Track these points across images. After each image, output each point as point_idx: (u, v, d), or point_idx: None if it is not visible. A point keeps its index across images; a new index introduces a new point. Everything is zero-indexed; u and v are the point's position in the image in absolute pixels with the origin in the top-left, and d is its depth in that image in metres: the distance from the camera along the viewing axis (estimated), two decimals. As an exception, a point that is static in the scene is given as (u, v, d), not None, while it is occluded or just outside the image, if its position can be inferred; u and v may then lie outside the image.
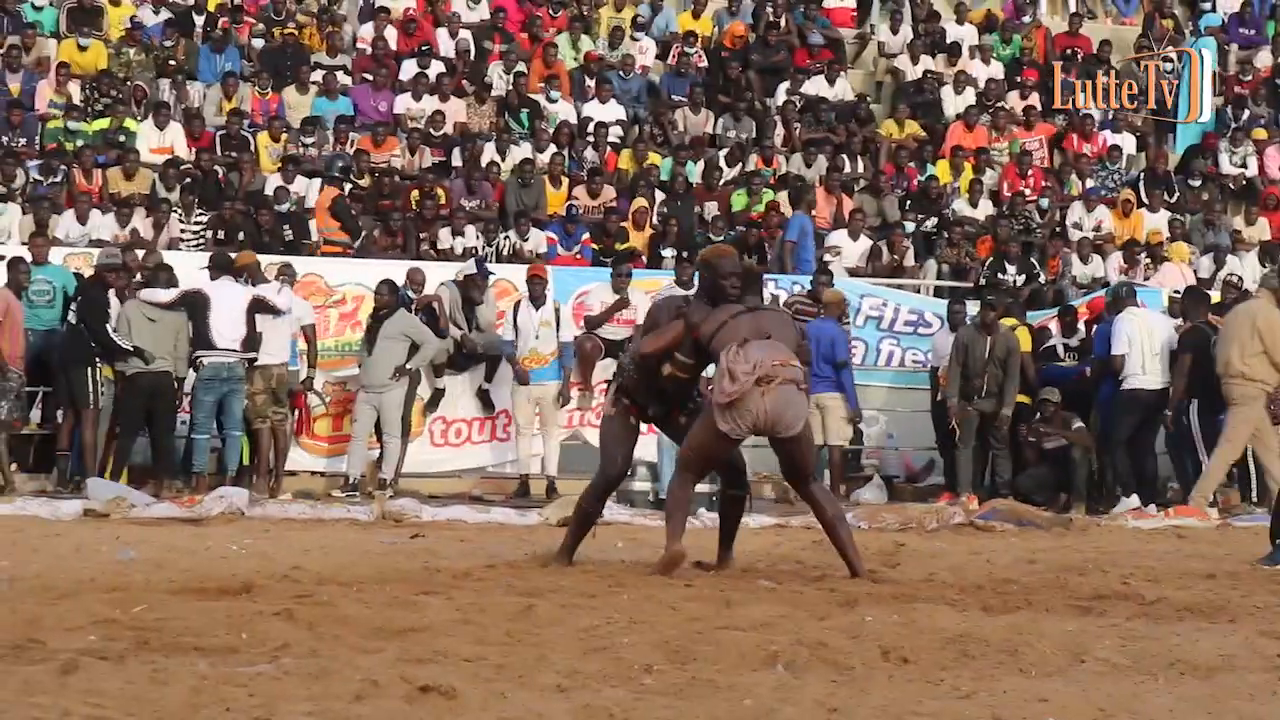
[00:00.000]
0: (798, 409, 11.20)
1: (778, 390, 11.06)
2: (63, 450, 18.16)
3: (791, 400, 11.14)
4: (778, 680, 7.64)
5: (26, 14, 24.72)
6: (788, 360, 11.18)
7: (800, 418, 11.25)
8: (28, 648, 7.75)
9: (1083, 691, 7.57)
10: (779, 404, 11.07)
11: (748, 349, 11.15)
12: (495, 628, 8.75)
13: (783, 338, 11.42)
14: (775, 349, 11.22)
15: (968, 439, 19.17)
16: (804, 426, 11.34)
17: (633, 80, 25.64)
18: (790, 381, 11.13)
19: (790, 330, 11.62)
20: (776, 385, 11.06)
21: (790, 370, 11.14)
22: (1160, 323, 19.52)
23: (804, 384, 11.29)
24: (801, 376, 11.25)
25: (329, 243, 21.45)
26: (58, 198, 21.52)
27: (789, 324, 11.76)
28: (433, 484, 19.38)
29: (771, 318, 11.72)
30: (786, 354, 11.23)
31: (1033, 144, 25.51)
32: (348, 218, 21.59)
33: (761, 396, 11.03)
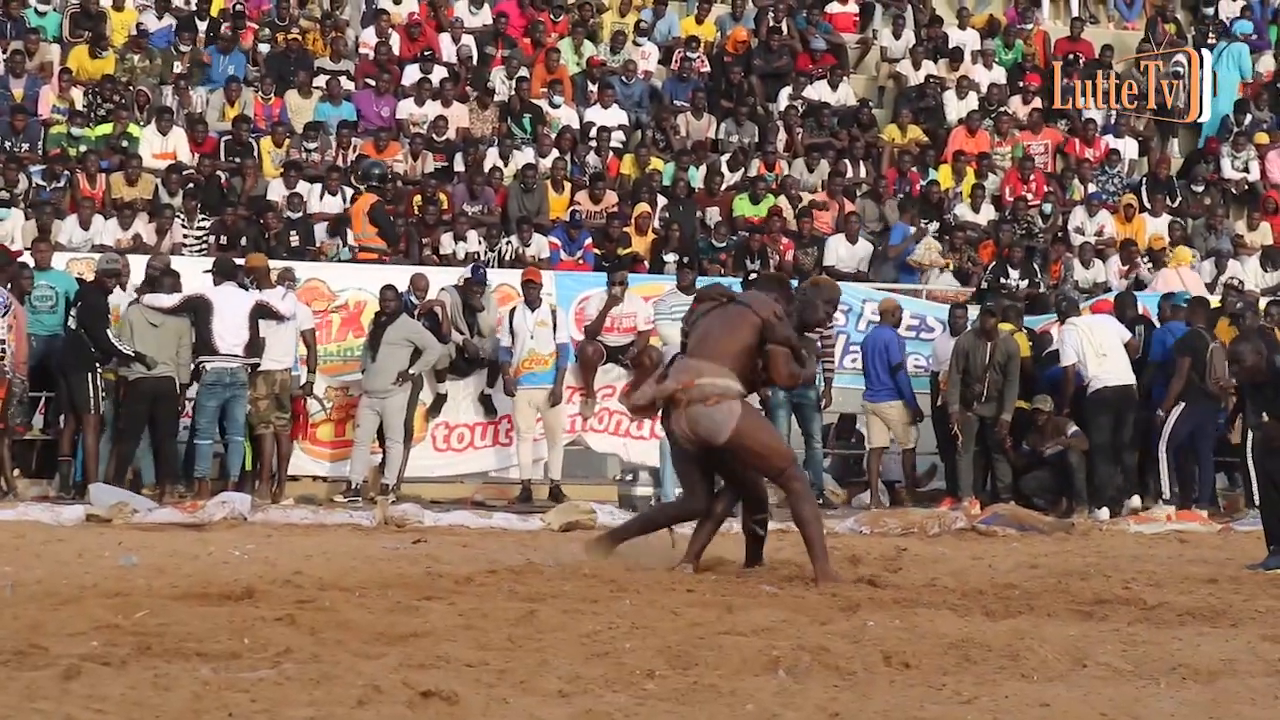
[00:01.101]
0: (710, 423, 11.63)
1: (685, 412, 11.68)
2: (65, 456, 18.15)
3: (700, 417, 11.64)
4: (779, 685, 7.65)
5: (29, 19, 24.72)
6: (691, 381, 11.67)
7: (717, 429, 11.62)
8: (30, 653, 7.76)
9: (1085, 696, 7.57)
10: (692, 422, 11.68)
11: (674, 367, 11.96)
12: (497, 633, 8.76)
13: (719, 344, 11.83)
14: (685, 371, 11.78)
15: (969, 444, 19.16)
16: (735, 434, 11.63)
17: (635, 85, 25.64)
18: (696, 401, 11.64)
19: (740, 329, 11.87)
20: (683, 408, 11.67)
21: (695, 390, 11.64)
22: (1105, 323, 19.62)
23: (712, 398, 11.64)
24: (712, 390, 11.64)
25: (365, 249, 21.44)
26: (60, 203, 21.52)
27: (741, 320, 11.93)
28: (435, 489, 19.38)
29: (727, 316, 12.02)
30: (694, 373, 11.71)
31: (1037, 149, 25.49)
32: (386, 224, 21.61)
33: (679, 419, 11.72)
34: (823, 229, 23.27)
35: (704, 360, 11.75)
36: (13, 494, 17.59)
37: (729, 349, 11.77)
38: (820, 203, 23.51)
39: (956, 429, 19.07)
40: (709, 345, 11.87)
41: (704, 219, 23.33)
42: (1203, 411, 19.04)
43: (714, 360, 11.71)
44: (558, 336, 19.16)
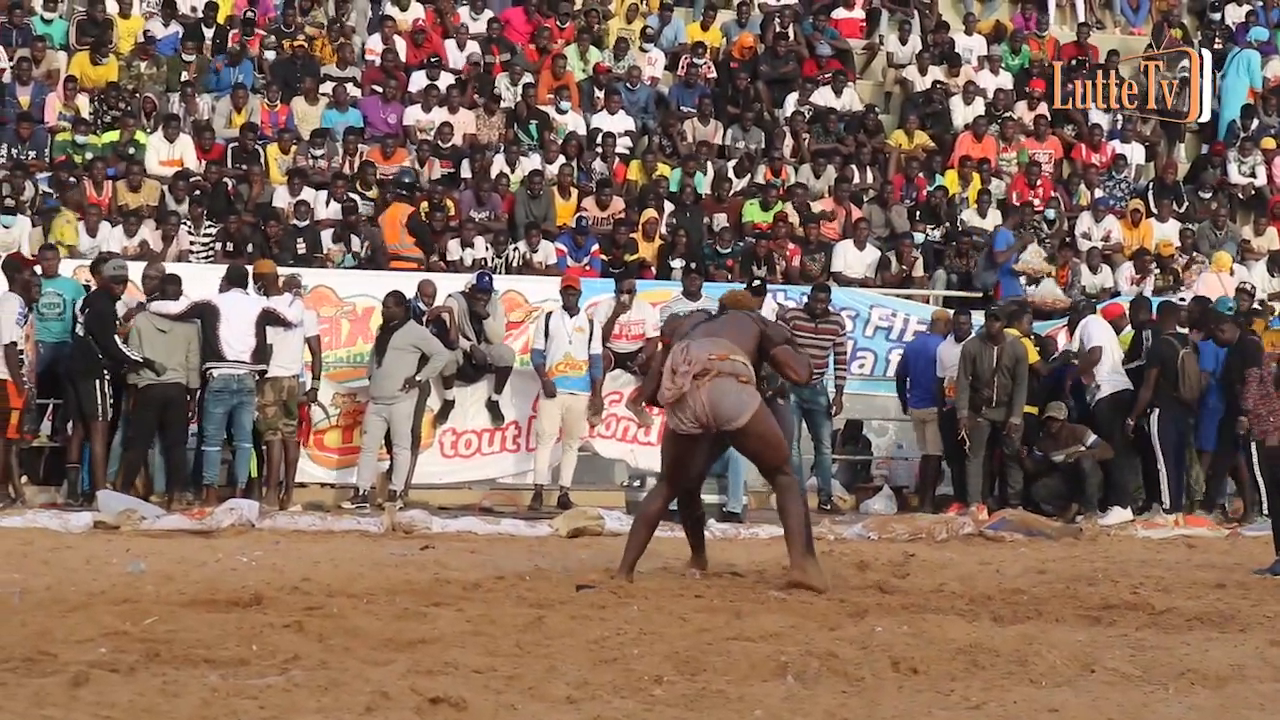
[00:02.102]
0: (735, 400, 11.39)
1: (713, 383, 11.36)
2: (73, 463, 18.15)
3: (728, 391, 11.38)
4: (788, 691, 7.65)
5: (36, 27, 24.74)
6: (726, 354, 11.45)
7: (741, 410, 11.41)
8: (38, 660, 7.77)
9: (1093, 702, 7.57)
10: (714, 395, 11.36)
11: (690, 348, 11.53)
12: (505, 639, 8.77)
13: (733, 334, 11.74)
14: (715, 344, 11.54)
15: (977, 449, 19.15)
16: (753, 419, 11.46)
17: (641, 91, 25.65)
18: (728, 375, 11.39)
19: (746, 329, 11.86)
20: (711, 378, 11.36)
21: (727, 364, 11.41)
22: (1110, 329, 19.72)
23: (745, 377, 11.47)
24: (743, 370, 11.47)
25: (400, 259, 21.45)
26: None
27: (746, 324, 11.96)
28: (443, 495, 19.36)
29: (729, 319, 12.02)
30: (728, 348, 11.51)
31: (1040, 157, 25.49)
32: (424, 233, 21.63)
33: (698, 390, 11.35)
34: (830, 235, 23.27)
35: (732, 345, 11.63)
36: (21, 501, 17.59)
37: (745, 344, 11.71)
38: (827, 213, 23.49)
39: (965, 434, 19.06)
40: (729, 335, 11.75)
41: (710, 225, 23.33)
42: (1178, 418, 19.05)
43: (740, 348, 11.66)
44: (592, 346, 19.15)
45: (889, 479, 20.97)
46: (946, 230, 24.05)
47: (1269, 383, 18.45)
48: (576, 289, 19.43)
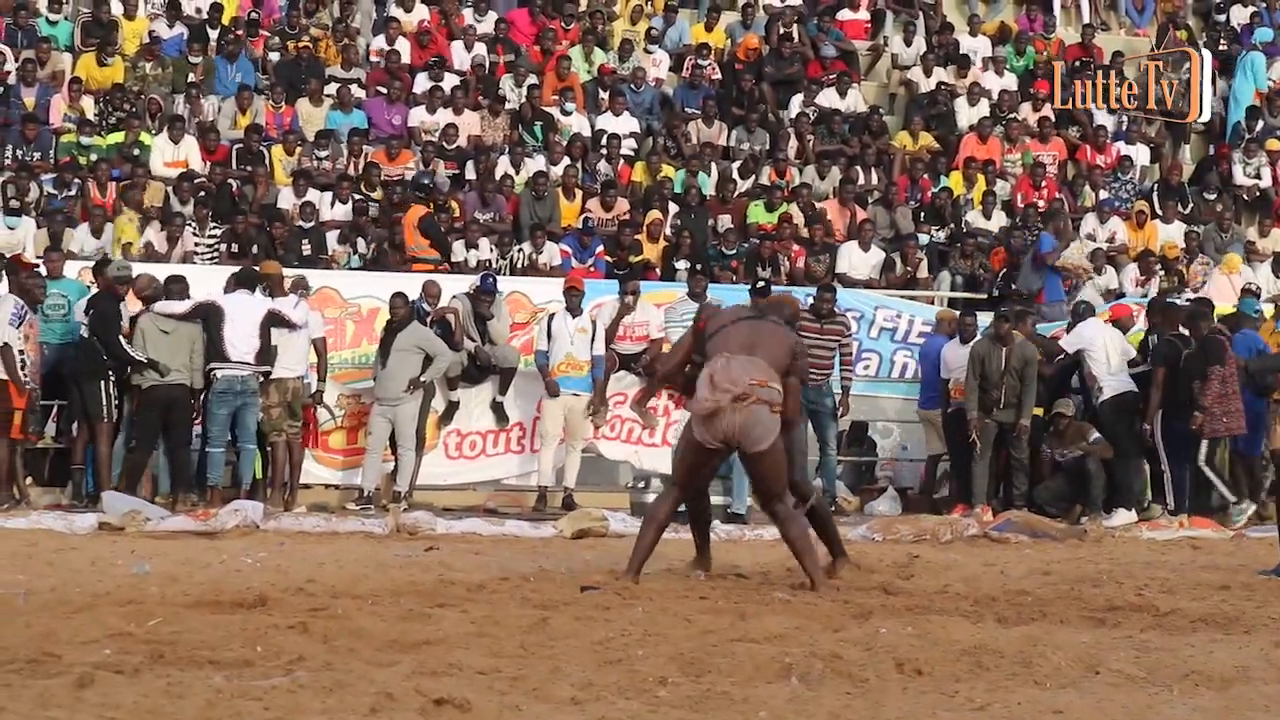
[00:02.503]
0: (765, 428, 11.59)
1: (751, 409, 11.53)
2: (77, 464, 18.15)
3: (761, 419, 11.56)
4: (792, 692, 7.65)
5: (41, 28, 24.76)
6: (766, 381, 11.60)
7: (767, 436, 11.60)
8: (43, 661, 7.77)
9: (1097, 703, 7.57)
10: (749, 421, 11.53)
11: (731, 364, 11.64)
12: (510, 640, 8.77)
13: (770, 354, 11.80)
14: (756, 367, 11.64)
15: (985, 451, 19.13)
16: (771, 448, 11.65)
17: (646, 92, 25.65)
18: (764, 402, 11.56)
19: (781, 347, 11.92)
20: (750, 404, 11.52)
21: (766, 391, 11.58)
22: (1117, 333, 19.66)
23: (776, 405, 11.63)
24: (777, 398, 11.63)
25: (418, 260, 21.47)
26: (72, 212, 21.56)
27: (782, 340, 12.01)
28: (447, 497, 19.36)
29: (767, 331, 12.02)
30: (766, 373, 11.64)
31: (1045, 159, 25.48)
32: (438, 235, 21.64)
33: (734, 413, 11.51)
34: (834, 236, 23.27)
35: (769, 367, 11.72)
36: (25, 502, 17.59)
37: (778, 365, 11.78)
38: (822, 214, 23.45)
39: (975, 435, 19.04)
40: (766, 354, 11.82)
41: (715, 226, 23.33)
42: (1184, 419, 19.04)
43: (773, 368, 11.74)
44: (594, 347, 19.15)
45: (893, 480, 20.96)
46: (951, 232, 24.04)
47: (1231, 382, 18.53)
48: (579, 290, 19.43)
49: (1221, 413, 18.67)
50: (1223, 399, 18.67)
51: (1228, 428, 18.79)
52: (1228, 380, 18.67)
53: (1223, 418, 18.73)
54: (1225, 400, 18.67)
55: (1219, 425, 18.74)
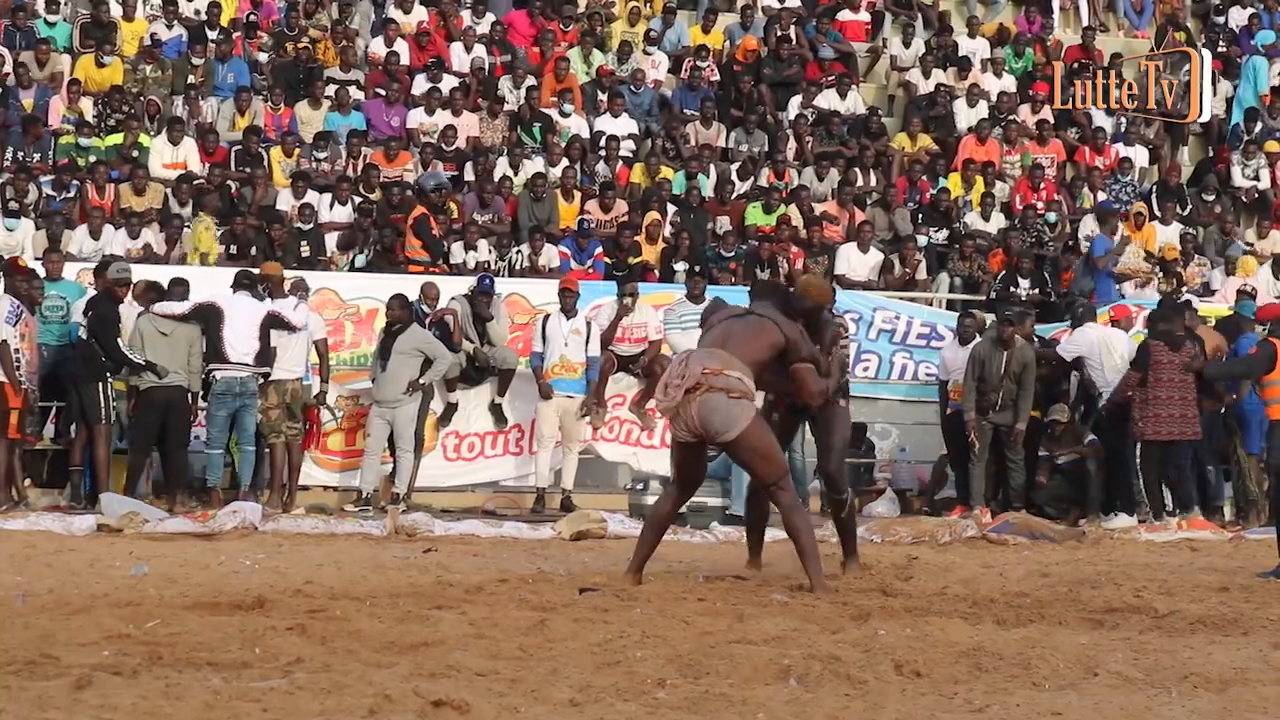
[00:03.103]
0: (724, 415, 11.49)
1: (703, 398, 11.49)
2: (76, 466, 18.15)
3: (716, 407, 11.49)
4: (791, 694, 7.65)
5: (39, 29, 24.75)
6: (720, 369, 11.54)
7: (731, 424, 11.50)
8: (41, 663, 7.77)
9: (1096, 705, 7.57)
10: (704, 411, 11.49)
11: (689, 360, 11.70)
12: (508, 642, 8.77)
13: (744, 344, 11.77)
14: (714, 358, 11.64)
15: (983, 452, 19.13)
16: (744, 434, 11.54)
17: (644, 94, 25.66)
18: (719, 390, 11.48)
19: (761, 337, 11.84)
20: (702, 393, 11.49)
21: (721, 379, 11.51)
22: (1117, 336, 19.65)
23: (736, 391, 11.53)
24: (736, 385, 11.54)
25: (412, 262, 21.48)
26: (71, 213, 21.56)
27: (762, 330, 11.90)
28: (446, 498, 19.37)
29: (747, 323, 11.99)
30: (725, 362, 11.59)
31: (1044, 160, 25.48)
32: (429, 237, 21.65)
33: (689, 404, 11.51)
34: (833, 238, 23.28)
35: (732, 356, 11.68)
36: (24, 504, 17.60)
37: (751, 355, 11.72)
38: (829, 215, 23.48)
39: (974, 436, 19.04)
40: (735, 345, 11.79)
41: (714, 228, 23.33)
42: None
43: (740, 358, 11.66)
44: (589, 349, 19.15)
45: (892, 482, 20.96)
46: (950, 233, 24.04)
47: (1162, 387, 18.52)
48: (574, 291, 19.43)
49: (1139, 416, 18.66)
50: (1142, 403, 18.65)
51: (1155, 431, 18.70)
52: (1154, 385, 18.63)
53: (1140, 421, 18.72)
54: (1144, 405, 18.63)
55: (1144, 427, 18.71)
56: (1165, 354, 18.61)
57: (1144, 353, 18.72)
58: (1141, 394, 18.63)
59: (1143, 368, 18.59)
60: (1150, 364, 18.59)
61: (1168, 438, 18.63)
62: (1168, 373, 18.60)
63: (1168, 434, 18.59)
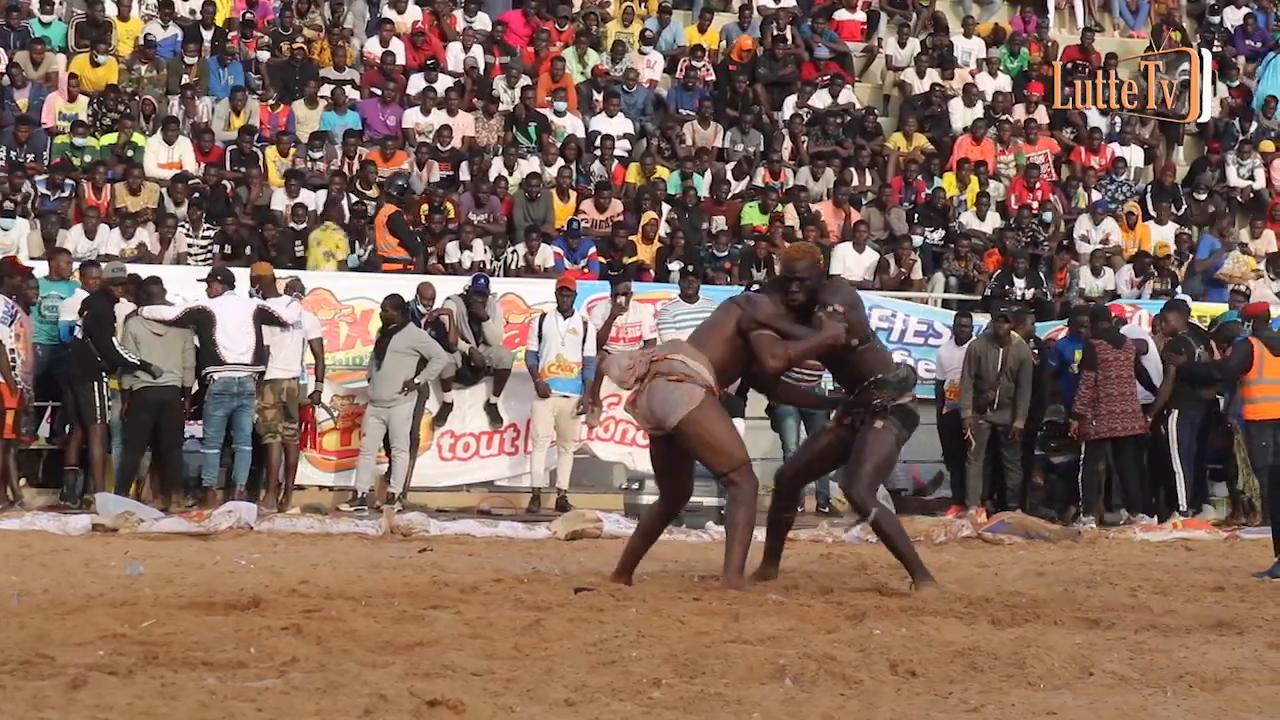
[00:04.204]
0: (663, 400, 11.22)
1: (649, 386, 11.32)
2: (71, 465, 18.14)
3: (654, 392, 11.27)
4: (786, 694, 7.64)
5: (34, 29, 24.74)
6: (666, 355, 11.41)
7: (672, 409, 11.20)
8: (36, 663, 7.76)
9: (1091, 705, 7.57)
10: (651, 399, 11.30)
11: (642, 356, 11.63)
12: (503, 642, 8.76)
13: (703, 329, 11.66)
14: (670, 345, 11.78)
15: (979, 451, 19.14)
16: (685, 420, 11.20)
17: (639, 94, 25.66)
18: (662, 374, 11.27)
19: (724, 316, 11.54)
20: (648, 381, 11.33)
21: (664, 364, 11.31)
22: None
23: (677, 375, 11.23)
24: (680, 368, 11.25)
25: (388, 260, 21.49)
26: (66, 212, 21.55)
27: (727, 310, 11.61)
28: (441, 498, 19.38)
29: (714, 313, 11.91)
30: (673, 348, 11.55)
31: (1036, 159, 25.50)
32: (406, 234, 21.67)
33: (641, 393, 11.37)
34: (829, 237, 23.29)
35: (685, 344, 11.59)
36: (19, 503, 17.60)
37: (709, 339, 11.47)
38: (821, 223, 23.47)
39: (970, 435, 19.05)
40: (697, 333, 11.75)
41: (710, 228, 23.33)
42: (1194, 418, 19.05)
43: (697, 345, 11.47)
44: (585, 349, 19.17)
45: (887, 482, 20.93)
46: (946, 233, 24.05)
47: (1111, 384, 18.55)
48: (571, 290, 19.45)
49: (1092, 416, 18.70)
50: (1093, 403, 18.68)
51: (1098, 431, 18.73)
52: (1104, 383, 18.67)
53: (1093, 421, 18.75)
54: (1095, 404, 18.67)
55: (1088, 428, 18.74)
56: (1110, 351, 18.67)
57: (1090, 353, 18.74)
58: (1085, 394, 18.67)
59: (1092, 368, 18.60)
60: (1098, 363, 18.62)
61: (1123, 433, 18.67)
62: (1115, 369, 18.65)
63: (1123, 429, 18.63)
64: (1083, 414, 18.72)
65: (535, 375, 19.17)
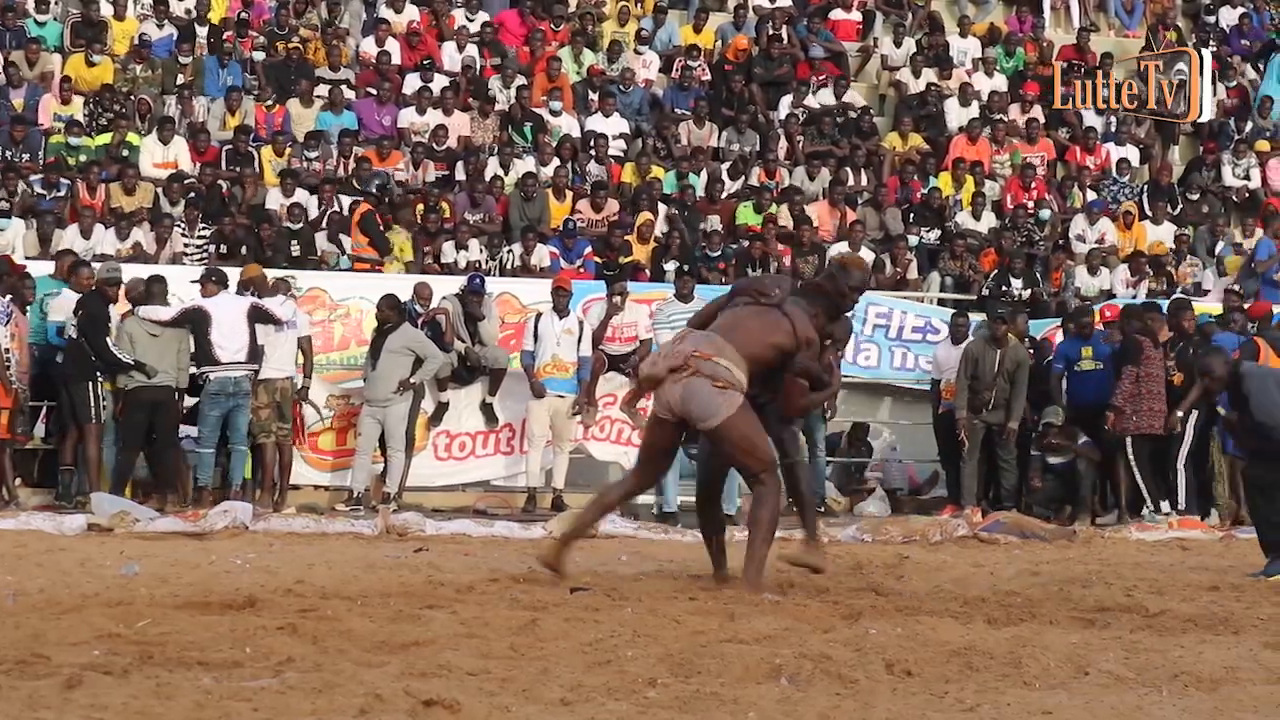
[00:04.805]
0: (702, 402, 11.32)
1: (686, 380, 11.35)
2: (66, 465, 18.14)
3: (696, 392, 11.33)
4: (782, 693, 7.65)
5: (30, 28, 24.72)
6: (711, 354, 11.39)
7: (711, 412, 11.32)
8: (32, 663, 7.76)
9: (1086, 704, 7.58)
10: (685, 394, 11.36)
11: (685, 340, 11.64)
12: (499, 641, 8.76)
13: (747, 336, 11.58)
14: (710, 343, 11.50)
15: (974, 451, 19.16)
16: (724, 425, 11.35)
17: (635, 93, 25.65)
18: (706, 376, 11.33)
19: (770, 333, 11.61)
20: (686, 376, 11.35)
21: (708, 365, 11.35)
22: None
23: (722, 381, 11.34)
24: (724, 374, 11.34)
25: (359, 259, 21.49)
26: (61, 212, 21.53)
27: (772, 326, 11.67)
28: (437, 498, 19.37)
29: (761, 316, 11.79)
30: (718, 349, 11.44)
31: (1035, 159, 25.49)
32: (376, 233, 21.65)
33: (673, 384, 11.38)
34: (824, 237, 23.30)
35: (729, 344, 11.51)
36: (14, 503, 17.60)
37: (753, 349, 11.51)
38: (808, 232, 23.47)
39: (964, 435, 19.07)
40: (738, 335, 11.59)
41: (705, 228, 23.32)
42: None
43: (738, 349, 11.48)
44: (581, 349, 19.17)
45: (883, 481, 20.97)
46: (942, 233, 24.05)
47: (1148, 381, 18.58)
48: (567, 290, 19.45)
49: (1131, 411, 18.74)
50: (1133, 398, 18.73)
51: (1137, 426, 18.76)
52: (1143, 380, 18.73)
53: (1133, 416, 18.78)
54: (1135, 399, 18.74)
55: (1127, 423, 18.79)
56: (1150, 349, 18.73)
57: (1136, 348, 18.79)
58: (1126, 389, 18.72)
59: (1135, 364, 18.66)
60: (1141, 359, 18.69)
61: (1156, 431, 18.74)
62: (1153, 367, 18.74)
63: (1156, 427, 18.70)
64: (1121, 408, 18.73)
65: (531, 375, 19.17)
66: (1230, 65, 28.23)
